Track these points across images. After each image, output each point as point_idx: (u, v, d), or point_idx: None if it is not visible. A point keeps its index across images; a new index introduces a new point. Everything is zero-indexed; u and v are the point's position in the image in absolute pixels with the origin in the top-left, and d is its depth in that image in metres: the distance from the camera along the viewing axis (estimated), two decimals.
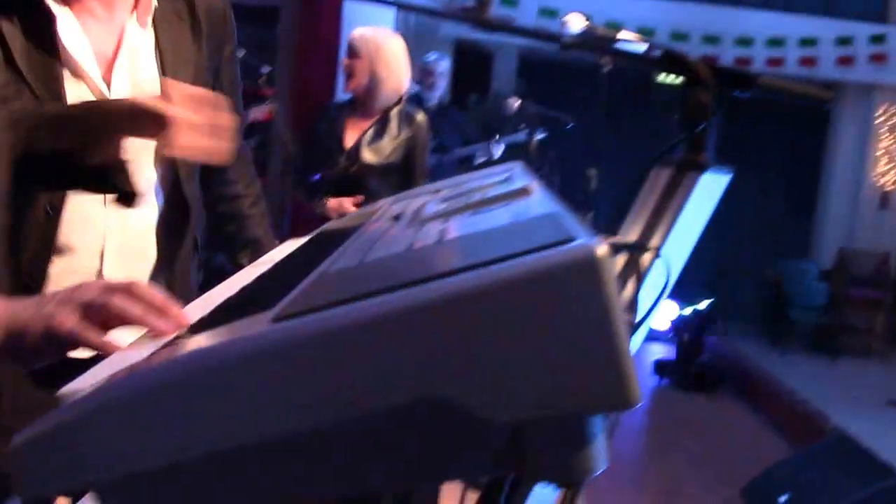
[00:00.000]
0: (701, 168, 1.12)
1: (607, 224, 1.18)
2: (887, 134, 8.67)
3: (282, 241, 1.49)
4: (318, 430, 0.62)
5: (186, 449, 0.62)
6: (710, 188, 1.13)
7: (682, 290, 5.62)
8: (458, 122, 5.47)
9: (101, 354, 0.84)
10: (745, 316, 8.76)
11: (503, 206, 0.99)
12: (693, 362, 6.84)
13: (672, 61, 1.15)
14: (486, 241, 0.74)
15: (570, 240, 0.62)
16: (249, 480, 0.65)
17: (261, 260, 1.37)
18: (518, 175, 1.26)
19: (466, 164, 5.12)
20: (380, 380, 0.61)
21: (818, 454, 4.21)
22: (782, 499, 3.95)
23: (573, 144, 4.46)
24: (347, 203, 3.38)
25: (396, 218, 1.19)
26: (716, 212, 1.16)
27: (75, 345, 0.86)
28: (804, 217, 9.32)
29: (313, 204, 3.48)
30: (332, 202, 3.43)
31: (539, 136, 3.76)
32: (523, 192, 1.03)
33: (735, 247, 8.55)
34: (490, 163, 4.91)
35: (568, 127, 3.61)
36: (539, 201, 0.96)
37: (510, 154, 5.45)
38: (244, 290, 1.01)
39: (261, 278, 1.09)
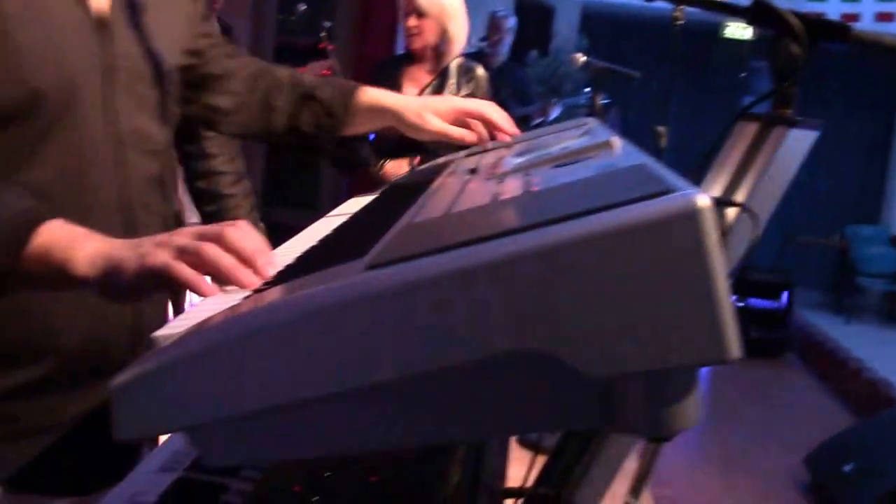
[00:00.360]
0: (789, 123, 1.10)
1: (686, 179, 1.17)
2: None
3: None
4: (411, 378, 0.62)
5: (280, 394, 0.63)
6: (797, 144, 1.11)
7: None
8: (519, 80, 5.44)
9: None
10: (811, 282, 8.63)
11: (587, 159, 0.99)
12: (757, 329, 6.77)
13: (762, 12, 1.12)
14: (578, 192, 0.74)
15: (672, 191, 0.62)
16: (341, 427, 0.66)
17: (333, 213, 1.38)
18: (596, 129, 1.25)
19: (522, 125, 5.07)
20: (475, 329, 0.61)
21: (886, 424, 4.16)
22: (847, 468, 3.91)
23: (640, 101, 4.41)
24: (405, 166, 3.37)
25: (472, 171, 1.19)
26: None
27: (167, 282, 0.88)
28: (874, 180, 9.11)
29: (369, 168, 3.45)
30: (391, 166, 3.42)
31: (602, 100, 3.71)
32: (606, 145, 1.02)
33: (802, 210, 8.41)
34: (545, 124, 4.89)
35: (636, 83, 3.56)
36: (625, 154, 0.95)
37: (571, 115, 5.42)
38: (326, 240, 1.02)
39: (341, 229, 1.10)
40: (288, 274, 0.87)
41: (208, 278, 0.89)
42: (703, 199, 0.60)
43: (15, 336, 1.18)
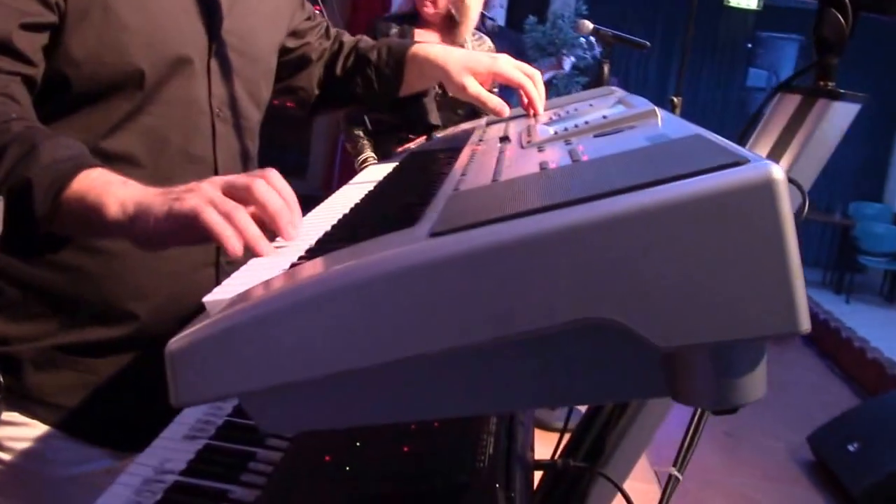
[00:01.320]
0: (833, 96, 1.11)
1: None
2: None
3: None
4: (475, 347, 0.63)
5: (342, 361, 0.64)
6: (840, 117, 1.12)
7: None
8: (517, 45, 5.42)
9: None
10: (812, 260, 8.67)
11: (629, 128, 0.99)
12: None
13: None
14: (638, 161, 0.74)
15: (745, 161, 0.62)
16: (400, 394, 0.67)
17: (354, 181, 1.39)
18: (629, 99, 1.25)
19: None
20: (546, 298, 0.61)
21: (890, 404, 4.20)
22: (852, 448, 3.96)
23: (640, 70, 4.43)
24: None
25: (503, 140, 1.20)
26: None
27: (194, 228, 0.88)
28: (878, 158, 9.14)
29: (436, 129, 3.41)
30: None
31: (605, 62, 3.70)
32: (650, 114, 1.02)
33: None
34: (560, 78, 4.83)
35: (645, 50, 3.55)
36: (672, 123, 0.96)
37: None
38: (361, 208, 1.03)
39: (372, 198, 1.10)
40: (332, 241, 0.87)
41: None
42: (778, 171, 0.60)
43: (101, 296, 1.25)
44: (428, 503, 0.97)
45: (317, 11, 1.62)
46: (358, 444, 1.10)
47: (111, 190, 0.97)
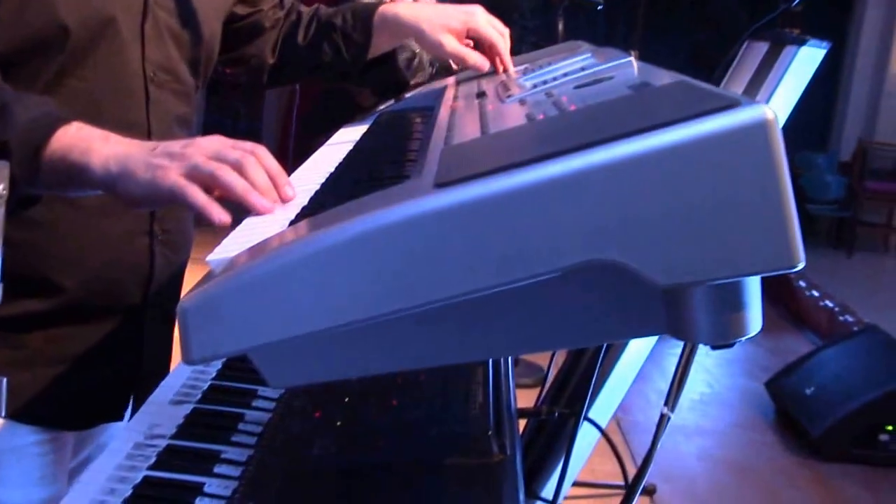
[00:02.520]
0: (799, 42, 1.14)
1: None
2: None
3: None
4: (485, 293, 0.65)
5: (355, 310, 0.66)
6: (807, 62, 1.15)
7: None
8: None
9: None
10: None
11: (608, 79, 1.02)
12: None
13: None
14: (629, 109, 0.77)
15: (736, 104, 0.65)
16: (411, 342, 0.69)
17: (331, 142, 1.40)
18: (601, 52, 1.28)
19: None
20: (549, 242, 0.64)
21: (844, 348, 4.32)
22: (808, 391, 4.07)
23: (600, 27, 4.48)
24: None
25: (481, 95, 1.21)
26: None
27: (176, 200, 0.90)
28: (822, 107, 9.28)
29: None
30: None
31: (559, 19, 3.72)
32: (627, 64, 1.05)
33: None
34: None
35: (599, 7, 3.58)
36: (650, 72, 0.98)
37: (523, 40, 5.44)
38: (346, 167, 1.04)
39: (355, 157, 1.12)
40: (326, 199, 0.88)
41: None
42: (770, 111, 0.63)
43: (26, 267, 1.20)
44: (424, 453, 1.00)
45: None
46: (347, 399, 1.12)
47: (93, 147, 0.97)
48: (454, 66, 1.61)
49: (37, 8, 1.12)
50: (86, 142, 0.98)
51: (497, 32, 1.46)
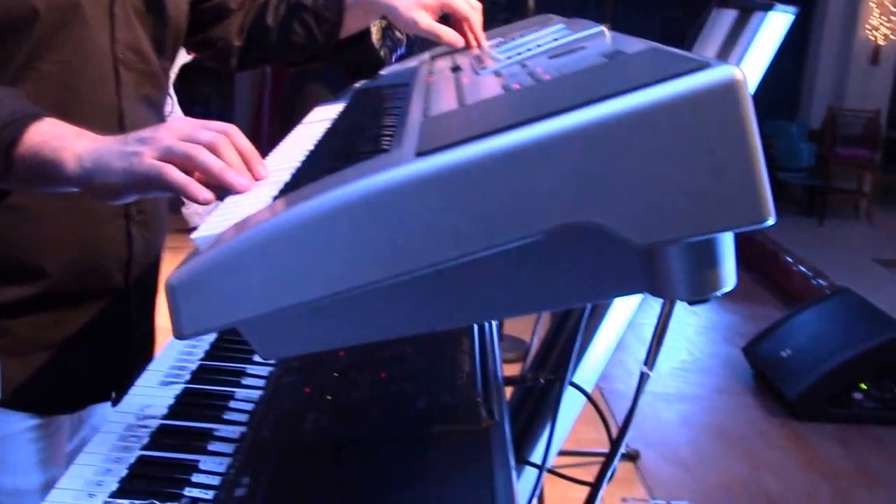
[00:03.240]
0: (766, 7, 1.15)
1: None
2: None
3: None
4: (469, 258, 0.66)
5: (343, 279, 0.66)
6: (775, 26, 1.16)
7: None
8: None
9: None
10: None
11: (581, 49, 1.02)
12: None
13: None
14: (603, 75, 0.78)
15: (705, 66, 0.66)
16: (397, 310, 0.70)
17: (308, 120, 1.40)
18: (573, 23, 1.28)
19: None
20: (529, 205, 0.65)
21: (818, 311, 4.37)
22: (784, 354, 4.12)
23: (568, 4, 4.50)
24: None
25: (455, 69, 1.22)
26: None
27: (157, 186, 0.90)
28: (792, 76, 9.33)
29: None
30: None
31: None
32: (599, 34, 1.06)
33: None
34: None
35: None
36: (622, 40, 0.99)
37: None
38: (325, 143, 1.04)
39: (334, 133, 1.12)
40: (309, 173, 0.89)
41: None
42: (739, 71, 0.64)
43: (6, 252, 1.21)
44: (415, 423, 1.01)
45: None
46: (336, 374, 1.13)
47: (66, 143, 0.96)
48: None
49: None
50: (59, 139, 0.97)
51: (470, 7, 1.46)
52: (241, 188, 0.89)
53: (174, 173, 0.89)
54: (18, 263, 1.22)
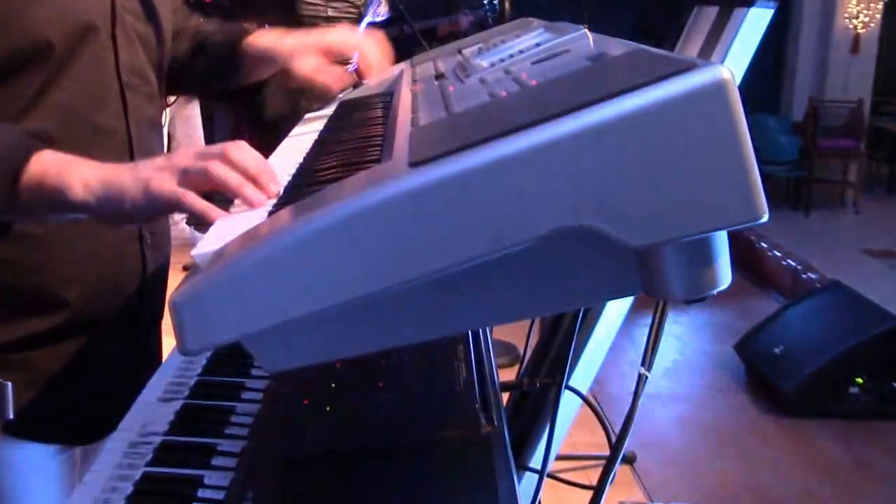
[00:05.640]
0: (747, 3, 1.18)
1: None
2: None
3: None
4: (466, 265, 0.68)
5: (344, 291, 0.68)
6: (756, 22, 1.19)
7: None
8: None
9: None
10: None
11: (567, 51, 1.05)
12: None
13: None
14: (591, 79, 0.80)
15: (692, 66, 0.68)
16: (397, 320, 0.72)
17: (295, 133, 1.42)
18: (553, 25, 1.31)
19: (430, 38, 5.17)
20: (525, 211, 0.67)
21: (809, 307, 4.41)
22: (777, 350, 4.16)
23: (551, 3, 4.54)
24: None
25: (440, 77, 1.24)
26: None
27: (174, 209, 0.92)
28: (772, 69, 9.40)
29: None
30: None
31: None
32: (582, 37, 1.08)
33: None
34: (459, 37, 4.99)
35: None
36: (606, 43, 1.01)
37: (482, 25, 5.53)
38: (315, 155, 1.06)
39: (322, 145, 1.14)
40: (302, 187, 0.91)
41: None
42: (726, 70, 0.67)
43: (27, 285, 1.23)
44: (414, 431, 1.03)
45: None
46: (334, 385, 1.15)
47: (71, 170, 0.98)
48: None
49: (18, 25, 1.13)
50: (62, 166, 0.99)
51: (351, 43, 1.50)
52: (258, 203, 0.91)
53: (195, 200, 0.91)
54: (42, 295, 1.24)
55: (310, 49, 1.50)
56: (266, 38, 1.54)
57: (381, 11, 3.56)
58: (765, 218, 0.69)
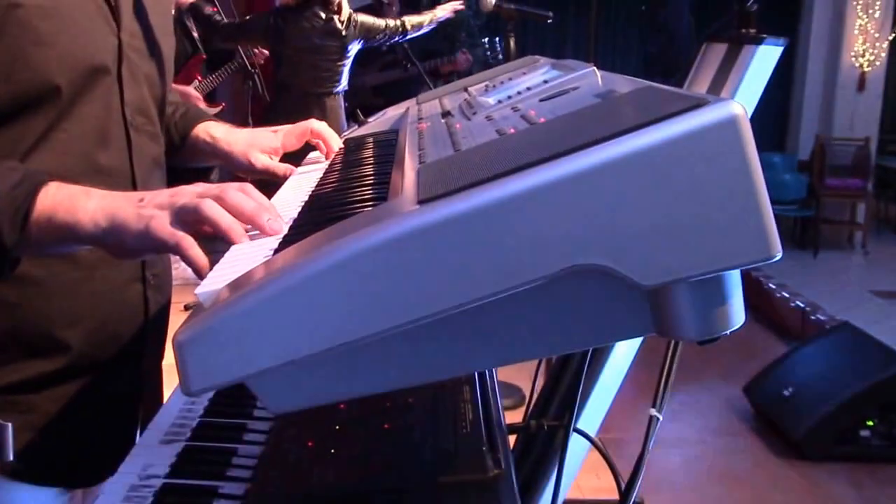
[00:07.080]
0: (756, 41, 1.19)
1: None
2: (861, 11, 8.75)
3: None
4: (475, 304, 0.68)
5: (352, 330, 0.68)
6: (766, 60, 1.20)
7: None
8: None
9: None
10: None
11: (575, 88, 1.05)
12: None
13: None
14: (599, 116, 0.80)
15: (703, 103, 0.68)
16: (404, 361, 0.72)
17: (300, 170, 1.42)
18: (560, 62, 1.32)
19: (433, 77, 5.24)
20: (535, 250, 0.67)
21: (819, 348, 4.39)
22: (787, 393, 4.13)
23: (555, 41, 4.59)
24: None
25: (446, 115, 1.25)
26: None
27: (171, 251, 0.92)
28: (779, 107, 9.43)
29: None
30: None
31: (510, 35, 3.81)
32: (590, 74, 1.08)
33: None
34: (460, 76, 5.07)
35: (549, 21, 3.66)
36: (615, 80, 1.02)
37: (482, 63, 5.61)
38: (321, 193, 1.06)
39: (327, 183, 1.14)
40: (308, 225, 0.91)
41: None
42: (738, 107, 0.67)
43: (30, 327, 1.23)
44: (420, 474, 1.02)
45: (213, 11, 1.61)
46: (338, 427, 1.14)
47: (78, 204, 0.99)
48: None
49: (25, 70, 1.14)
50: (69, 199, 1.00)
51: (310, 132, 1.52)
52: (273, 231, 0.92)
53: (190, 247, 0.92)
54: (43, 338, 1.24)
55: (266, 145, 1.52)
56: (220, 133, 1.56)
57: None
58: (779, 256, 0.69)
